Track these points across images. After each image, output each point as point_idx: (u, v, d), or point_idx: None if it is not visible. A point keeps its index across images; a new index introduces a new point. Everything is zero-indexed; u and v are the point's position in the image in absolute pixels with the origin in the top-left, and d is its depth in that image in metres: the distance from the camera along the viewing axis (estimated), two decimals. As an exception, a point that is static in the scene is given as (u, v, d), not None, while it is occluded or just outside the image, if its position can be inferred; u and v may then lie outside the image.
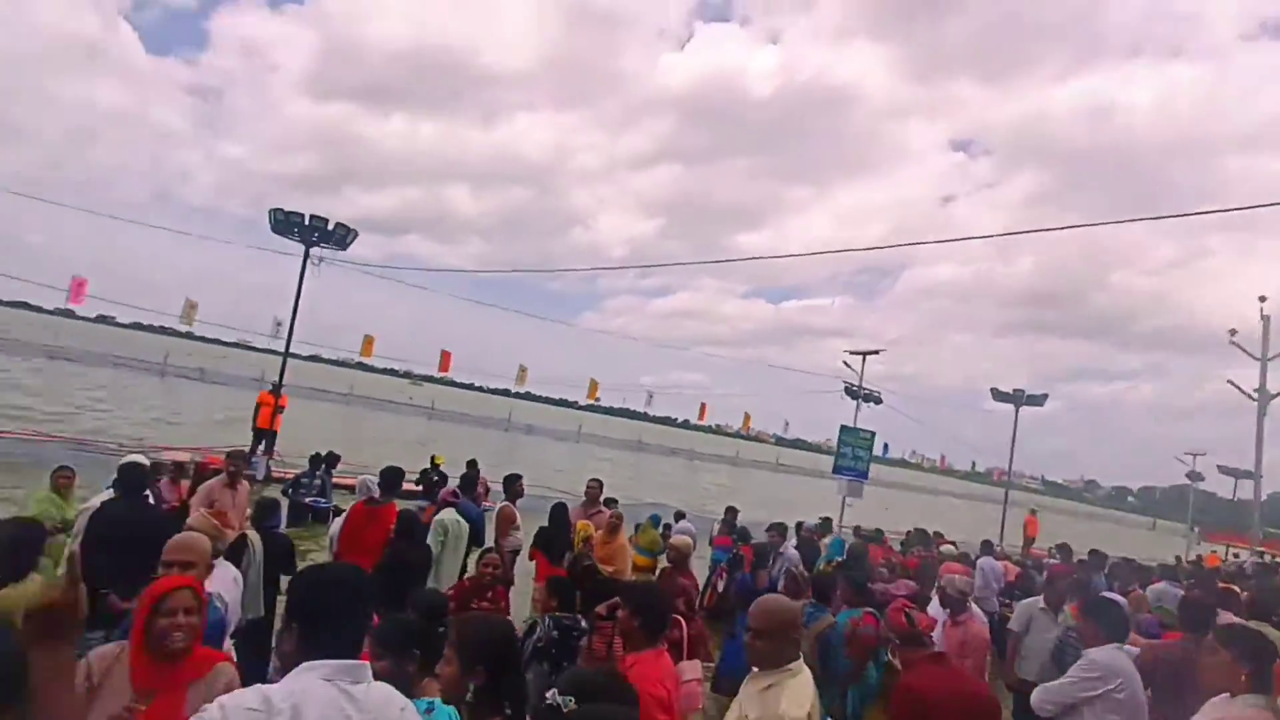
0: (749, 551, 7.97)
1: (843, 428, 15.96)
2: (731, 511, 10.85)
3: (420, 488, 10.10)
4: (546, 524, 7.23)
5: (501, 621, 2.75)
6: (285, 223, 14.32)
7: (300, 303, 15.21)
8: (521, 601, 6.36)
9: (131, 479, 4.77)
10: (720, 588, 8.22)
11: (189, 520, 3.91)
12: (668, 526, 10.50)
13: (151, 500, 5.52)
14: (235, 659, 2.88)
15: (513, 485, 7.64)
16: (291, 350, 16.69)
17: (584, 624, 4.22)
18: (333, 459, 11.06)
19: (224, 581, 3.50)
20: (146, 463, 5.36)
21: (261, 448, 14.12)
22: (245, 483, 6.25)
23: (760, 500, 25.60)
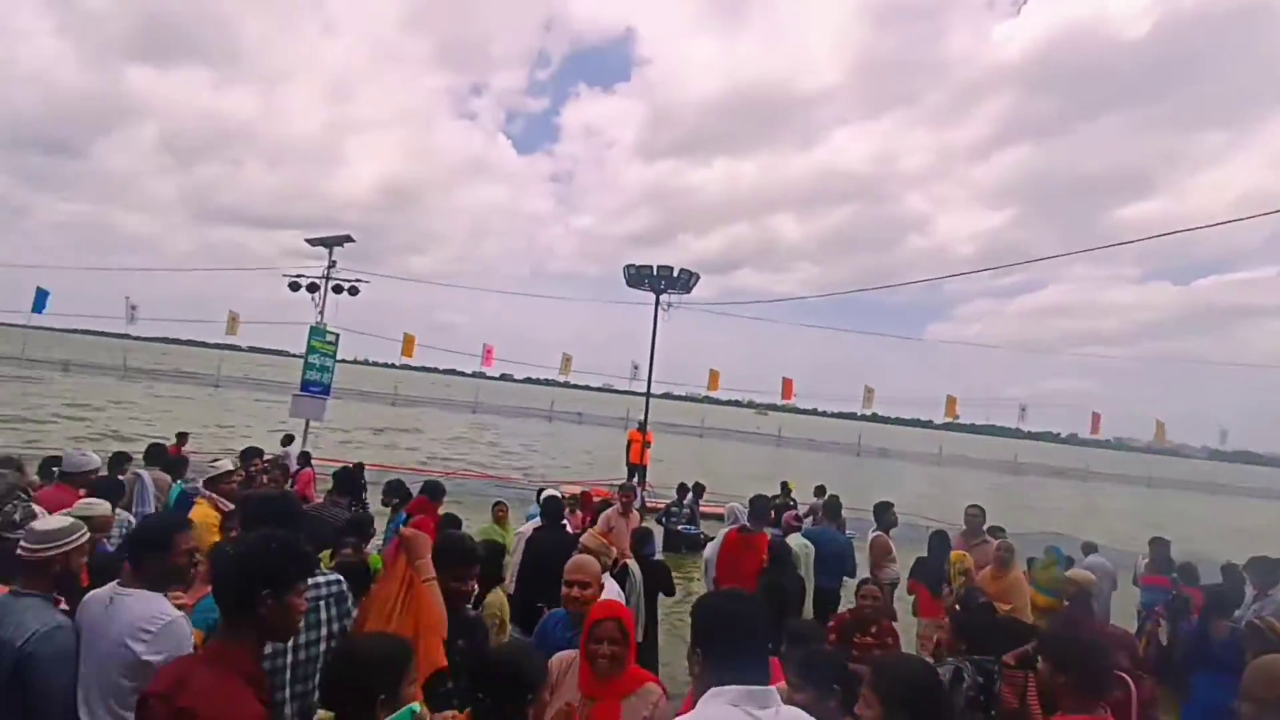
0: (1197, 594, 6.34)
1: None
2: (1160, 544, 8.76)
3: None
4: (925, 554, 6.65)
5: (920, 664, 2.51)
6: (637, 275, 15.97)
7: (655, 346, 16.73)
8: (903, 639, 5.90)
9: (553, 509, 5.65)
10: (1160, 638, 6.65)
11: (582, 539, 4.40)
12: (1071, 561, 8.89)
13: (569, 528, 6.40)
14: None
15: (885, 513, 7.13)
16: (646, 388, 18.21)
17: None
18: (699, 489, 11.76)
19: (610, 596, 3.81)
20: (562, 495, 6.34)
21: (635, 480, 15.70)
22: (636, 513, 6.93)
23: (1194, 532, 20.47)
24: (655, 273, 15.84)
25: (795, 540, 6.36)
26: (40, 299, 21.64)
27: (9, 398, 25.66)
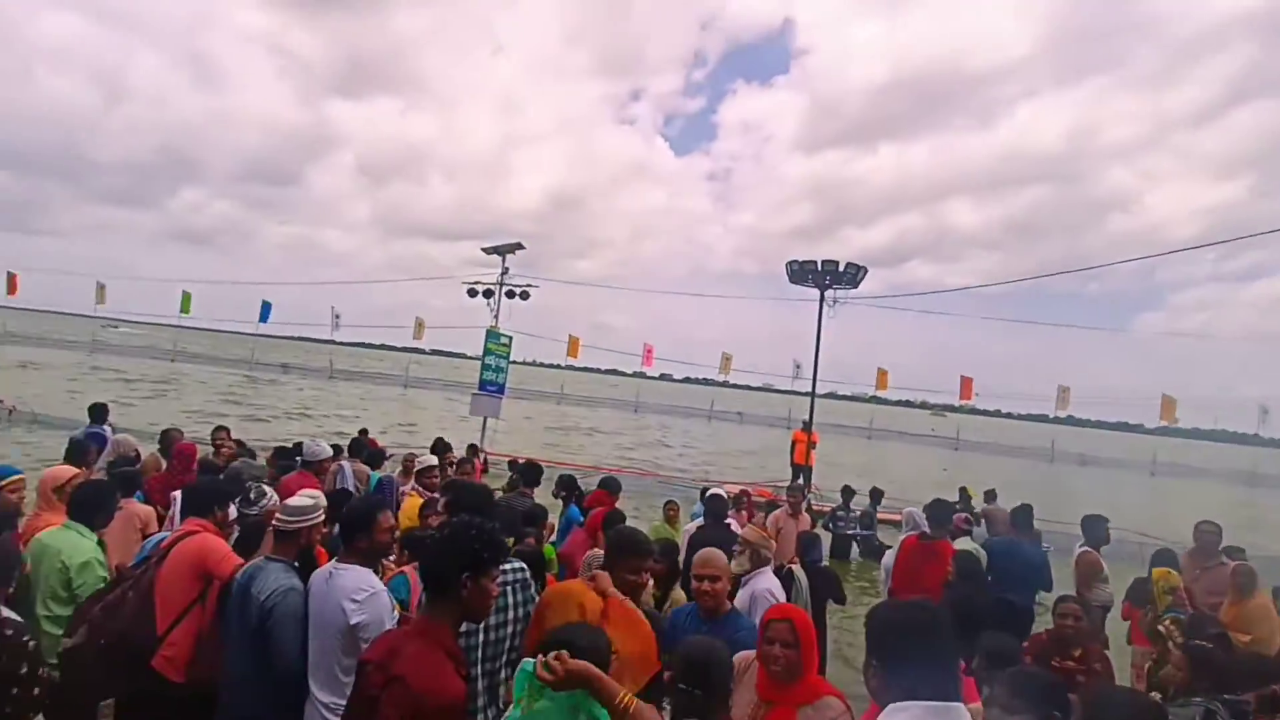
0: None
1: None
2: None
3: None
4: (1144, 575, 5.81)
5: (1148, 702, 2.16)
6: (800, 271, 15.50)
7: (819, 343, 16.15)
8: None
9: (717, 508, 5.61)
10: None
11: (742, 532, 4.29)
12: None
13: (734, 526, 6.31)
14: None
15: (1096, 527, 6.26)
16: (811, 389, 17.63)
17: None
18: (877, 494, 11.16)
19: (767, 580, 3.88)
20: (725, 494, 6.27)
21: (800, 481, 15.25)
22: (806, 515, 6.69)
23: None
24: (820, 268, 15.29)
25: (963, 545, 5.87)
26: (265, 310, 24.98)
27: (248, 396, 29.93)
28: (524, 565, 3.09)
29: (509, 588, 2.86)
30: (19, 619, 2.57)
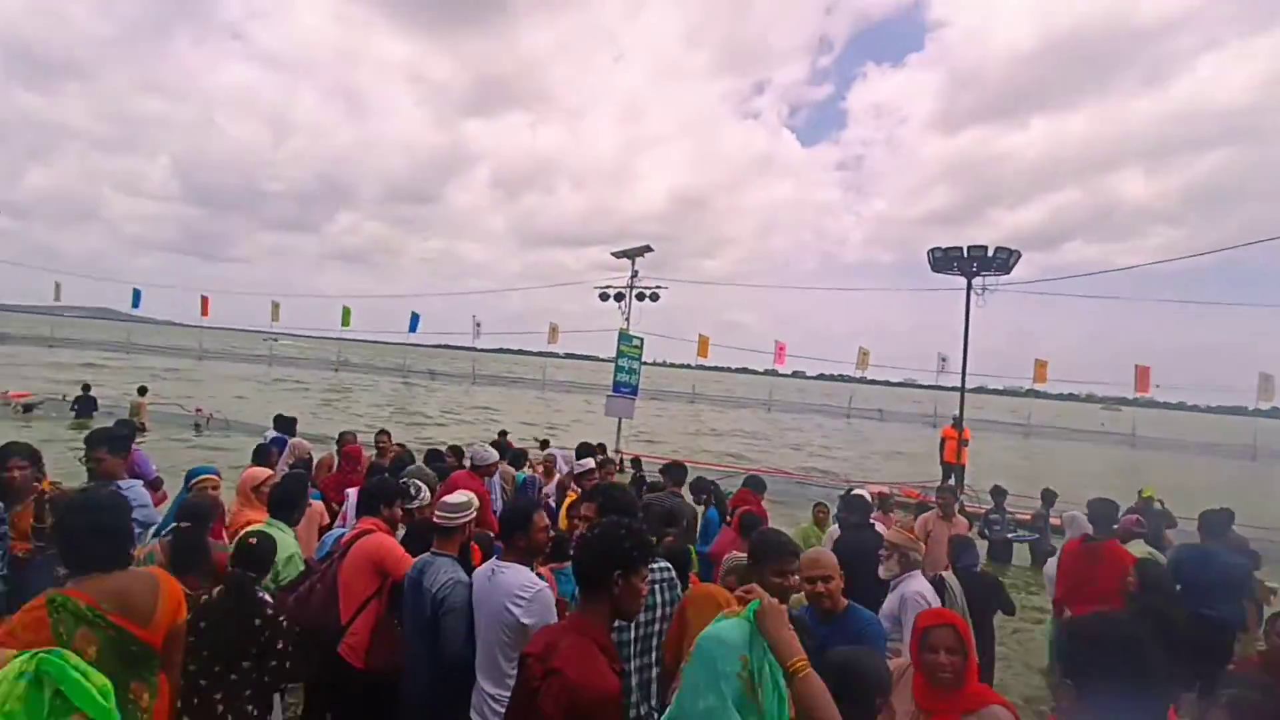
0: None
1: None
2: None
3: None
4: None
5: None
6: (944, 259, 14.58)
7: (968, 335, 15.12)
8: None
9: (860, 508, 5.37)
10: None
11: (887, 534, 4.08)
12: None
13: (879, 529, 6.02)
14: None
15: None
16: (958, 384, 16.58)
17: None
18: (1049, 496, 10.22)
19: (917, 584, 3.73)
20: (868, 495, 5.98)
21: (951, 481, 14.33)
22: (961, 518, 6.26)
23: None
24: (966, 254, 14.30)
25: (1137, 548, 5.27)
26: (414, 321, 26.95)
27: (405, 401, 32.37)
28: (669, 565, 3.13)
29: (656, 586, 2.93)
30: (272, 600, 2.98)
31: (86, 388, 18.30)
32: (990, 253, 14.19)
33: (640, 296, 16.78)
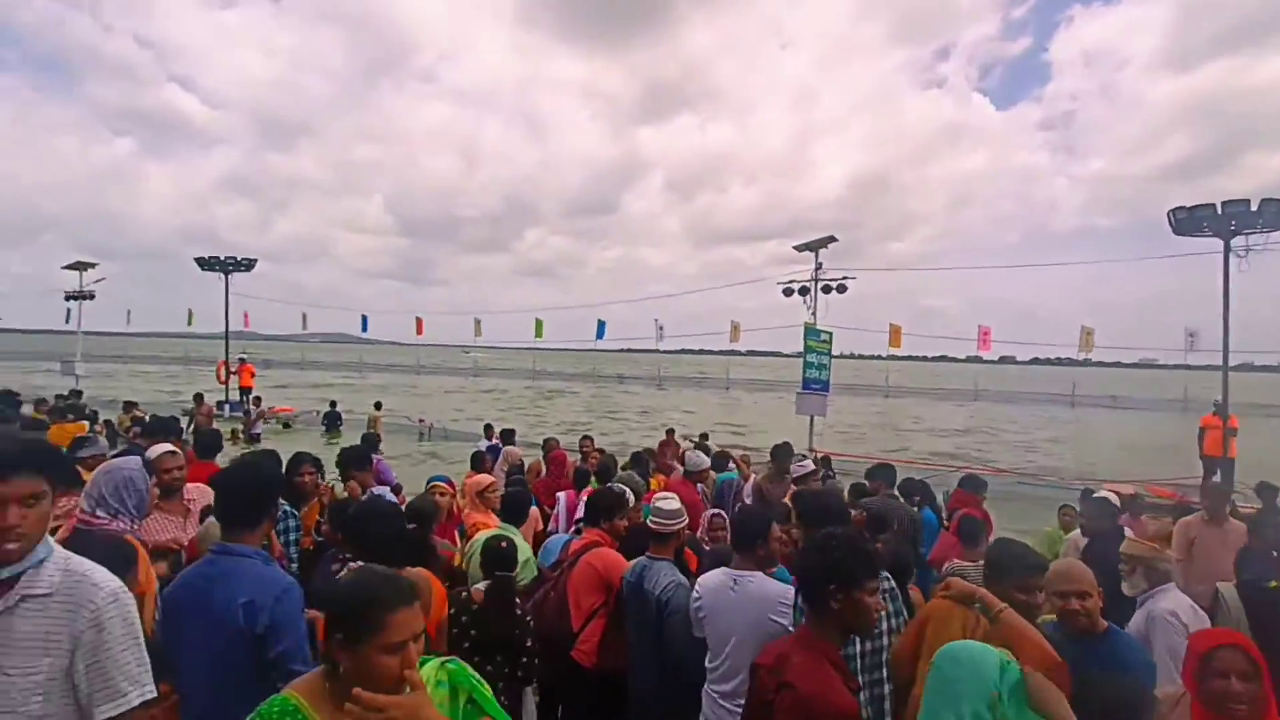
0: None
1: None
2: None
3: None
4: None
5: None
6: (1191, 219, 12.44)
7: (1229, 305, 12.83)
8: None
9: (1105, 512, 4.89)
10: None
11: (1125, 546, 3.53)
12: None
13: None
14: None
15: None
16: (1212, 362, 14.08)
17: None
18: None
19: (1170, 600, 3.26)
20: (1113, 497, 5.29)
21: (1217, 477, 12.23)
22: (1237, 522, 5.29)
23: None
24: (1220, 211, 12.14)
25: None
26: (600, 329, 28.19)
27: (601, 405, 33.92)
28: (888, 575, 2.96)
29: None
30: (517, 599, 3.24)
31: (333, 404, 21.25)
32: (1255, 206, 11.92)
33: (826, 289, 16.17)
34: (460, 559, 4.11)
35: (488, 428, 9.26)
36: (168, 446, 3.83)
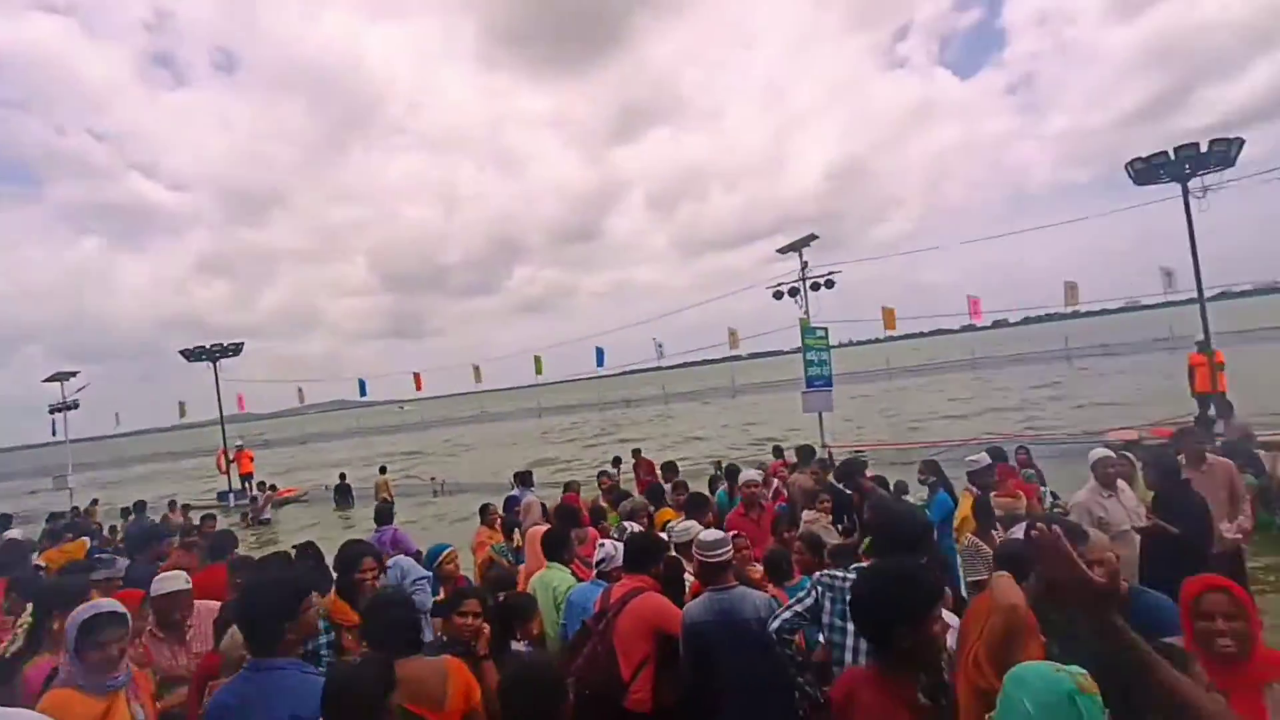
0: None
1: None
2: None
3: None
4: None
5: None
6: (1148, 169, 12.94)
7: (1195, 246, 13.31)
8: None
9: (1168, 468, 4.97)
10: None
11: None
12: None
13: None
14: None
15: None
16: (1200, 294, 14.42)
17: None
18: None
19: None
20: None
21: (1212, 412, 12.58)
22: (1220, 459, 5.42)
23: None
24: (1173, 157, 12.69)
25: None
26: (600, 355, 28.38)
27: (614, 432, 34.00)
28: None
29: None
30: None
31: (343, 476, 20.80)
32: (1205, 148, 12.46)
33: (815, 286, 16.57)
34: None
35: (520, 475, 9.55)
36: (180, 582, 3.69)
